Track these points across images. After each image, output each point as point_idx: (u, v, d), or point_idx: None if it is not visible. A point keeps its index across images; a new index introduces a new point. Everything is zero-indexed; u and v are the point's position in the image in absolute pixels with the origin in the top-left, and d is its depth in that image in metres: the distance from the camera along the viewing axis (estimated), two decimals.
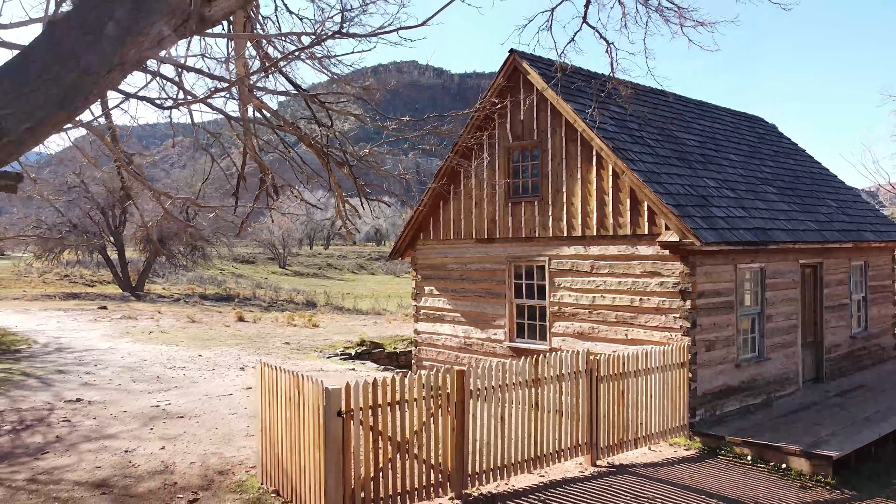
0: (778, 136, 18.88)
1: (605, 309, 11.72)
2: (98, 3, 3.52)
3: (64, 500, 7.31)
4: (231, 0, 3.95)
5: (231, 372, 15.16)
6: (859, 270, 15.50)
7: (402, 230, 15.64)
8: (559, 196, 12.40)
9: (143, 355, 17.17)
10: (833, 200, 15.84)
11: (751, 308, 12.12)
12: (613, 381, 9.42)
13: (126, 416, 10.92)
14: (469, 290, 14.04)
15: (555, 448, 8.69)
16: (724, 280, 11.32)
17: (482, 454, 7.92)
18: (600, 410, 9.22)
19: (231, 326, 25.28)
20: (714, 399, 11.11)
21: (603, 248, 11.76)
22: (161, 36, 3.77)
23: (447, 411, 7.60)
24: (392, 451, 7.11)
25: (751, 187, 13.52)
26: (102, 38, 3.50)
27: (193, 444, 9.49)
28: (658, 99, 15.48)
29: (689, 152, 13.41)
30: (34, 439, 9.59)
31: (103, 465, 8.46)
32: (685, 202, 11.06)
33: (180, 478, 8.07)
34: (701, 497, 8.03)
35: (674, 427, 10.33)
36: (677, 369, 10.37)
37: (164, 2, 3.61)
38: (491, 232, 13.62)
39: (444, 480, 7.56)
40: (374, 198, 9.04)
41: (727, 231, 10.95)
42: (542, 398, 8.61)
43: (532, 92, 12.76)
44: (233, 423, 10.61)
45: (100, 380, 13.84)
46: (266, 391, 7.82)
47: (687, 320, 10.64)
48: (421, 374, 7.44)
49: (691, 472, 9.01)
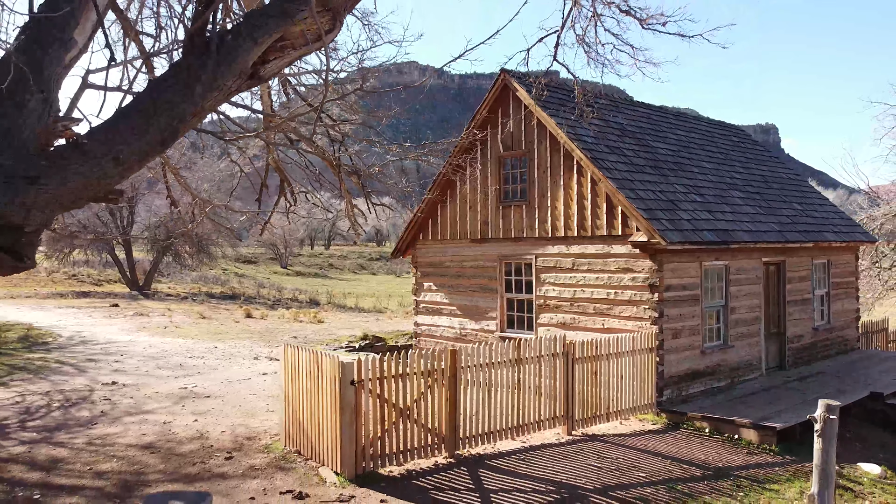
0: (752, 143, 20.29)
1: (584, 301, 13.11)
2: (190, 67, 4.92)
3: (120, 457, 8.70)
4: (280, 63, 5.34)
5: (246, 361, 16.55)
6: (822, 268, 16.89)
7: (403, 231, 17.03)
8: (544, 200, 13.80)
9: (162, 347, 18.55)
10: (798, 203, 17.24)
11: (716, 301, 13.52)
12: (587, 362, 10.82)
13: (159, 396, 12.31)
14: (464, 285, 15.44)
15: (535, 419, 10.09)
16: (689, 275, 12.73)
17: (472, 421, 9.31)
18: (575, 388, 10.62)
19: (240, 322, 26.67)
20: (680, 381, 12.50)
21: (583, 247, 13.15)
22: (230, 90, 5.17)
23: (442, 384, 8.99)
24: (396, 416, 8.51)
25: (719, 192, 14.91)
26: (193, 94, 4.89)
27: (221, 417, 10.88)
28: (637, 111, 16.90)
29: (663, 160, 14.81)
30: (82, 413, 10.98)
31: (147, 433, 9.86)
32: (654, 206, 12.45)
33: (215, 442, 9.46)
34: (657, 458, 9.43)
35: (643, 405, 11.73)
36: (646, 354, 11.77)
37: (235, 66, 5.01)
38: (484, 233, 15.02)
39: (439, 442, 8.95)
40: (379, 202, 10.43)
41: (691, 232, 12.35)
42: (523, 376, 10.00)
43: (520, 106, 14.16)
44: (254, 402, 12.00)
45: (128, 367, 15.23)
46: (289, 368, 9.22)
47: (655, 311, 12.04)
48: (420, 352, 8.84)
49: (654, 440, 10.41)
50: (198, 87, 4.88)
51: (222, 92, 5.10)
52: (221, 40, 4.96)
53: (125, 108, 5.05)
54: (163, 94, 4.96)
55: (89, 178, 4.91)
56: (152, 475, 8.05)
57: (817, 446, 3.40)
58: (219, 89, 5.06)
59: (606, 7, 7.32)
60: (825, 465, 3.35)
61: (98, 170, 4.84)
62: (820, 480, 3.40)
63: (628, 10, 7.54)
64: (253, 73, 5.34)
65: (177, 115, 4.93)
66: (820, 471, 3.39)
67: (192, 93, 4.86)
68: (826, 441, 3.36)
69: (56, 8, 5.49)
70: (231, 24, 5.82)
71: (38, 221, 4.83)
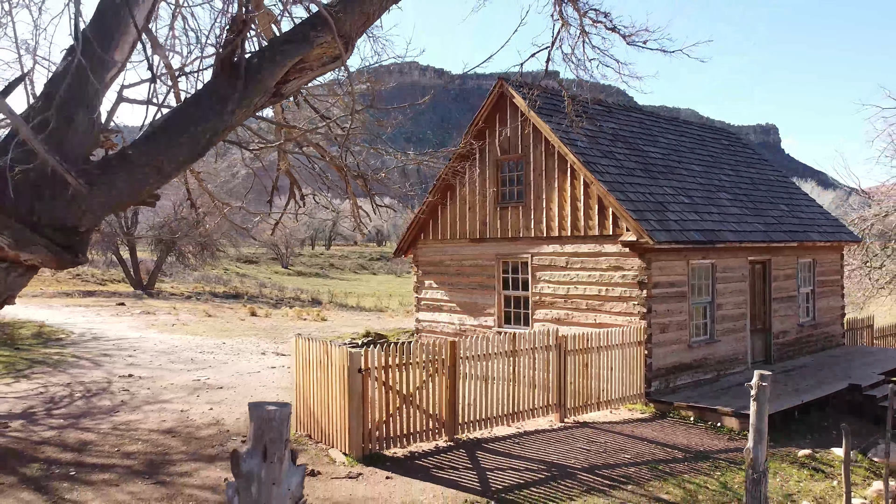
0: (742, 146, 20.98)
1: (577, 298, 13.80)
2: (221, 87, 5.60)
3: (144, 440, 9.39)
4: (299, 82, 6.02)
5: (254, 356, 17.23)
6: (808, 267, 17.58)
7: (405, 231, 17.73)
8: (540, 202, 14.48)
9: (172, 343, 19.24)
10: (785, 205, 17.93)
11: (703, 298, 14.21)
12: (579, 354, 11.51)
13: (174, 388, 12.99)
14: (463, 283, 16.13)
15: (529, 407, 10.78)
16: (677, 273, 13.41)
17: (470, 408, 10.00)
18: (567, 378, 11.31)
19: (246, 320, 27.35)
20: (668, 373, 13.19)
21: (576, 246, 13.84)
22: (256, 106, 5.86)
23: (442, 374, 9.68)
24: (399, 402, 9.20)
25: (707, 194, 15.60)
26: (224, 111, 5.57)
27: (234, 406, 11.57)
28: (630, 116, 17.59)
29: (653, 164, 15.50)
30: (103, 403, 11.66)
31: (167, 420, 10.55)
32: (643, 208, 13.14)
33: (230, 427, 10.15)
34: (643, 442, 10.12)
35: (632, 395, 12.42)
36: (635, 347, 12.46)
37: (261, 86, 5.69)
38: (482, 233, 15.70)
39: (439, 427, 9.64)
40: (382, 203, 11.12)
41: (678, 232, 13.03)
42: (518, 367, 10.69)
43: (517, 112, 14.84)
44: (264, 393, 12.68)
45: (142, 361, 15.91)
46: (300, 358, 9.91)
47: (644, 307, 12.73)
48: (422, 343, 9.53)
49: (641, 427, 11.10)
50: (229, 104, 5.56)
51: (250, 108, 5.78)
52: (249, 63, 5.64)
53: (164, 122, 5.74)
54: (198, 110, 5.64)
55: (133, 185, 5.60)
56: (176, 455, 8.74)
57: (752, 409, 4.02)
58: (247, 106, 5.74)
59: (593, 25, 8.00)
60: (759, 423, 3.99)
61: (141, 178, 5.53)
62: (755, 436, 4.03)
63: (613, 28, 8.21)
64: (276, 92, 6.02)
65: (210, 129, 5.61)
66: (755, 429, 4.03)
67: (223, 110, 5.54)
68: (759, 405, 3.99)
69: (99, 32, 6.17)
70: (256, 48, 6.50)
71: (91, 223, 5.52)
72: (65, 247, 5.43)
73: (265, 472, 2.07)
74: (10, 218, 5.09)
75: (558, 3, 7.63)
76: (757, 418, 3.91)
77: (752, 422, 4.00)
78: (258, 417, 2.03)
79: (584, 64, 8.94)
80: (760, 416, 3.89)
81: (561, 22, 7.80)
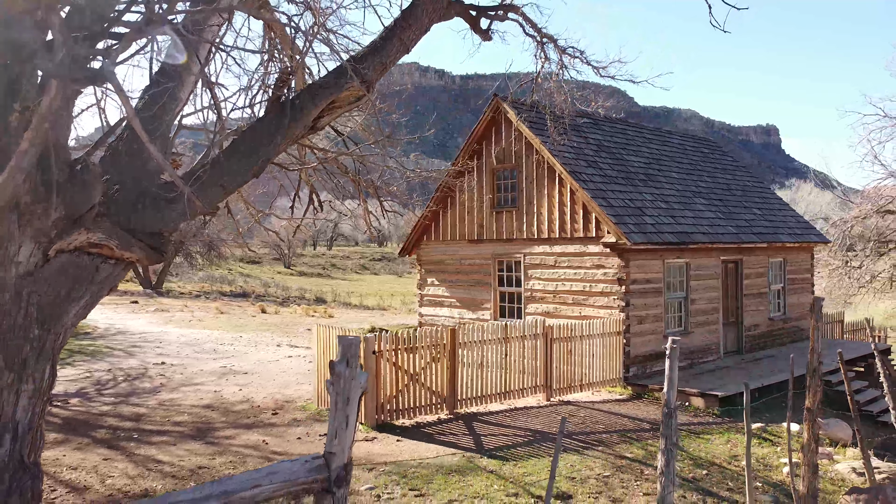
0: (721, 154, 22.56)
1: (564, 293, 15.38)
2: (271, 123, 7.17)
3: (188, 413, 10.98)
4: (330, 117, 7.59)
5: (270, 348, 18.82)
6: (779, 265, 19.16)
7: (409, 233, 19.31)
8: (531, 207, 16.06)
9: (193, 336, 20.82)
10: (758, 209, 19.51)
11: (678, 293, 15.79)
12: (563, 342, 13.08)
13: (204, 373, 14.57)
14: (462, 280, 17.71)
15: (519, 387, 12.36)
16: (653, 271, 14.99)
17: (468, 387, 11.58)
18: (553, 363, 12.89)
19: (257, 317, 28.93)
20: (645, 360, 14.76)
21: (563, 247, 15.42)
22: (297, 137, 7.44)
23: (444, 356, 11.26)
24: (407, 380, 10.77)
25: (683, 200, 17.18)
26: (273, 141, 7.15)
27: (261, 388, 13.15)
28: (615, 127, 19.17)
29: (634, 172, 17.09)
30: (145, 385, 13.25)
31: (204, 398, 12.13)
32: (623, 213, 14.72)
33: (260, 403, 11.74)
34: (617, 417, 11.70)
35: (612, 378, 13.99)
36: (615, 336, 14.04)
37: (302, 122, 7.26)
38: (480, 234, 17.28)
39: (441, 402, 11.22)
40: (391, 209, 12.68)
41: (654, 234, 14.61)
42: (510, 351, 12.27)
43: (511, 125, 16.43)
44: (285, 378, 14.26)
45: (170, 351, 17.50)
46: (321, 342, 11.49)
47: (622, 301, 14.30)
48: (426, 330, 11.11)
49: (618, 406, 12.67)
50: (277, 136, 7.13)
51: (292, 139, 7.37)
52: (293, 104, 7.22)
53: (227, 150, 7.31)
54: (253, 141, 7.22)
55: (203, 200, 7.18)
56: (217, 424, 10.32)
57: (666, 365, 5.47)
58: (290, 137, 7.32)
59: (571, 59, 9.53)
60: (671, 374, 5.44)
61: (210, 194, 7.10)
62: (668, 384, 5.48)
63: (588, 62, 9.76)
64: (313, 126, 7.62)
65: (262, 155, 7.18)
66: (668, 378, 5.49)
67: (272, 141, 7.12)
68: (672, 360, 5.46)
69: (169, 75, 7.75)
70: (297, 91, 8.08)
71: (172, 228, 7.09)
72: (153, 247, 6.99)
73: (348, 372, 3.62)
74: (115, 226, 6.66)
75: (540, 45, 9.17)
76: (669, 370, 5.40)
77: (667, 374, 5.47)
78: (344, 343, 3.56)
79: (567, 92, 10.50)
80: (672, 369, 5.37)
81: (543, 58, 9.34)
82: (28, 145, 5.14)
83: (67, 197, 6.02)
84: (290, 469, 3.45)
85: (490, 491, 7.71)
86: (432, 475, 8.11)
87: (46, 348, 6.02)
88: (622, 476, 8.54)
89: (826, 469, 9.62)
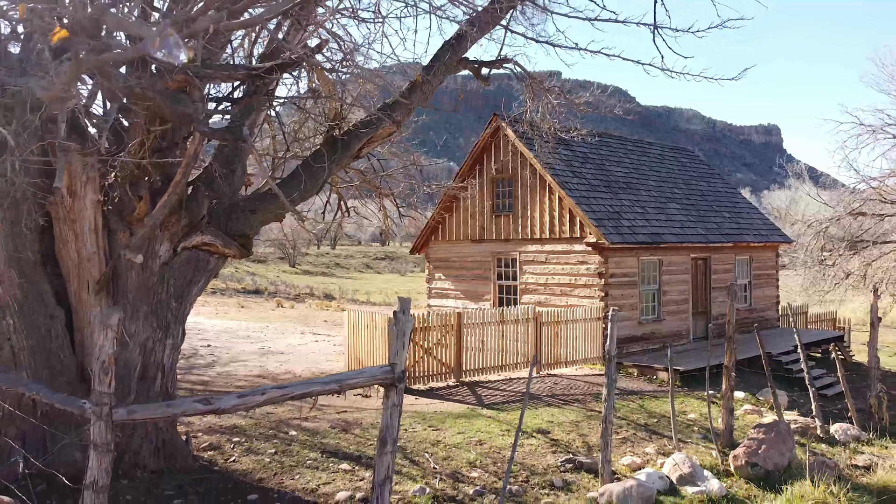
0: (698, 163, 25.09)
1: (554, 286, 17.91)
2: (325, 153, 9.70)
3: (244, 381, 13.51)
4: (369, 148, 10.11)
5: (296, 335, 21.35)
6: (745, 262, 21.68)
7: (419, 234, 21.85)
8: (526, 212, 18.59)
9: (225, 325, 23.36)
10: (728, 212, 22.03)
11: (652, 286, 18.31)
12: (551, 326, 15.62)
13: (246, 353, 17.11)
14: (466, 275, 20.24)
15: (513, 362, 14.89)
16: (629, 267, 17.52)
17: (472, 361, 14.10)
18: (542, 343, 15.41)
19: (276, 311, 31.49)
20: (622, 343, 17.26)
21: (553, 246, 17.95)
22: (343, 165, 9.98)
23: (452, 335, 13.78)
24: (422, 353, 13.30)
25: (658, 204, 19.71)
26: (326, 168, 9.67)
27: (297, 364, 15.68)
28: (601, 140, 21.70)
29: (616, 181, 19.62)
30: (199, 362, 15.78)
31: (253, 370, 14.67)
32: (603, 216, 17.24)
33: (301, 374, 14.28)
34: (594, 385, 14.22)
35: (593, 357, 16.52)
36: (595, 322, 16.57)
37: (349, 152, 9.78)
38: (481, 235, 19.82)
39: (449, 372, 13.75)
40: (408, 215, 15.19)
41: (629, 235, 17.13)
42: (506, 333, 14.80)
43: (508, 140, 18.96)
44: (315, 357, 16.80)
45: (210, 337, 20.04)
46: (351, 323, 14.02)
47: (602, 292, 16.83)
48: (437, 313, 13.65)
49: (595, 378, 15.19)
50: (329, 164, 9.67)
51: (340, 166, 9.90)
52: (342, 140, 9.74)
53: (292, 174, 9.84)
54: (312, 167, 9.75)
55: (275, 211, 9.71)
56: None
57: (609, 328, 7.86)
58: (339, 164, 9.86)
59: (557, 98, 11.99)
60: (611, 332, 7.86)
61: (280, 206, 9.63)
62: (610, 342, 7.89)
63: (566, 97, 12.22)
64: (357, 155, 10.16)
65: (319, 179, 9.71)
66: (610, 338, 7.92)
67: (325, 168, 9.64)
68: (612, 324, 7.88)
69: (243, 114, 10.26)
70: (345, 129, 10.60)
71: (254, 232, 9.62)
72: (243, 245, 9.52)
73: (404, 316, 6.13)
74: (219, 230, 9.18)
75: (529, 88, 11.68)
76: (610, 331, 7.83)
77: (609, 333, 7.89)
78: (402, 299, 6.08)
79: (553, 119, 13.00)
80: (612, 331, 7.81)
81: (532, 97, 11.82)
82: (180, 177, 7.74)
83: (188, 210, 8.60)
84: (372, 372, 5.97)
85: (489, 428, 10.25)
86: (445, 418, 10.66)
87: (180, 316, 8.64)
88: (590, 423, 11.08)
89: (754, 419, 12.14)
